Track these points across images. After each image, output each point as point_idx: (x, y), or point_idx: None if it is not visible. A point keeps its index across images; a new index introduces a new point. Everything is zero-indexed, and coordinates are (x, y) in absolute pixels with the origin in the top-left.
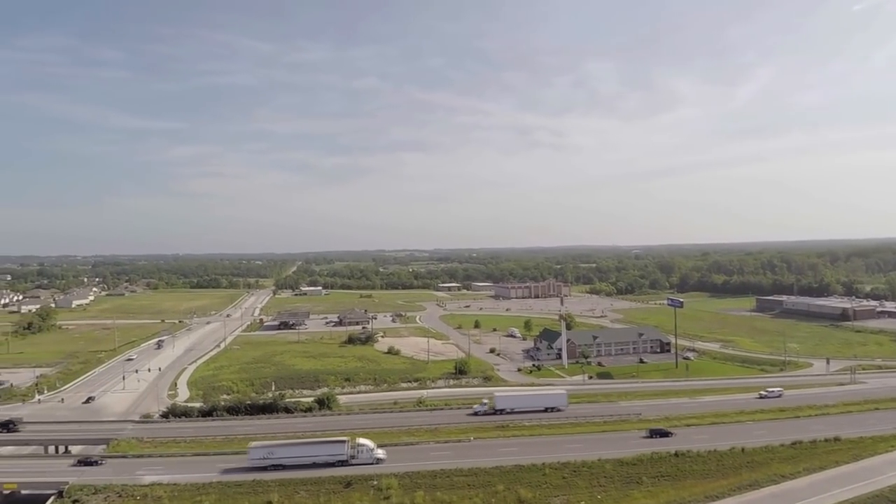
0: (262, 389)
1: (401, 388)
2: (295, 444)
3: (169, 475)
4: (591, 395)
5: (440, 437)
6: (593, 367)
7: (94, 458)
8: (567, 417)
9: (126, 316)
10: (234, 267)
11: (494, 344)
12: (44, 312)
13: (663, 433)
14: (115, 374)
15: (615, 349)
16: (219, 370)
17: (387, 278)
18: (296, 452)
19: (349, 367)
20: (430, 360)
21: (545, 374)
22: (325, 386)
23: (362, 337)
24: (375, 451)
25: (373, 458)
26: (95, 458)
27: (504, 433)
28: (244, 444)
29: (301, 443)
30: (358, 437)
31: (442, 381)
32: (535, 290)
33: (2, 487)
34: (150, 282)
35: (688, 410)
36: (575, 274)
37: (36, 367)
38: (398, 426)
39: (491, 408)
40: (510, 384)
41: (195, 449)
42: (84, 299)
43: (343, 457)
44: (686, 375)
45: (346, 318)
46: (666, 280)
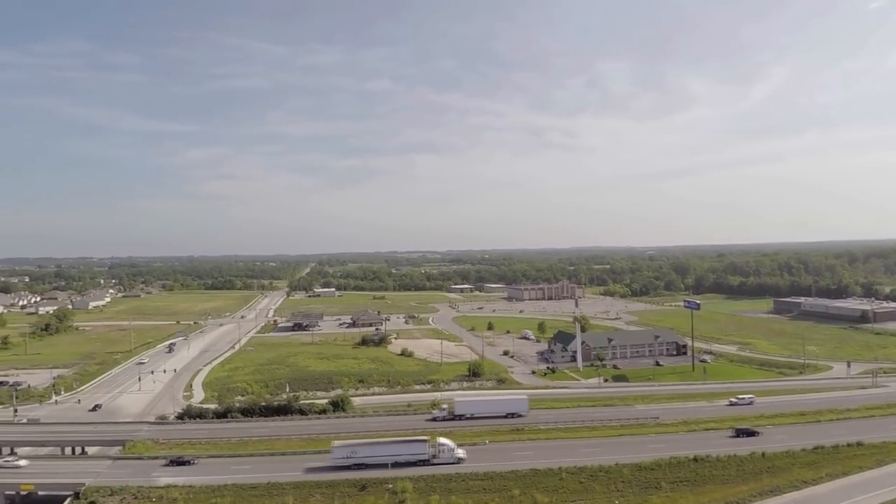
0: (276, 391)
1: (414, 391)
2: (377, 444)
3: (184, 477)
4: (608, 398)
5: (456, 438)
6: (609, 370)
7: (187, 457)
8: (583, 421)
9: (142, 317)
10: (248, 268)
11: (508, 346)
12: (61, 314)
13: (750, 433)
14: (131, 375)
15: (630, 352)
16: (233, 371)
17: (399, 280)
18: (378, 451)
19: (363, 369)
20: (444, 362)
21: (560, 376)
22: (339, 387)
23: (376, 338)
24: (456, 450)
25: (454, 458)
26: (188, 458)
27: (519, 436)
28: (258, 447)
29: (383, 442)
30: (438, 437)
31: (456, 384)
32: (549, 291)
33: (20, 488)
34: (165, 283)
35: (706, 414)
36: (588, 275)
37: (53, 368)
38: (412, 429)
39: (450, 413)
40: (524, 386)
41: (210, 451)
42: (100, 301)
43: (425, 456)
44: (703, 378)
45: (360, 320)
46: (681, 281)
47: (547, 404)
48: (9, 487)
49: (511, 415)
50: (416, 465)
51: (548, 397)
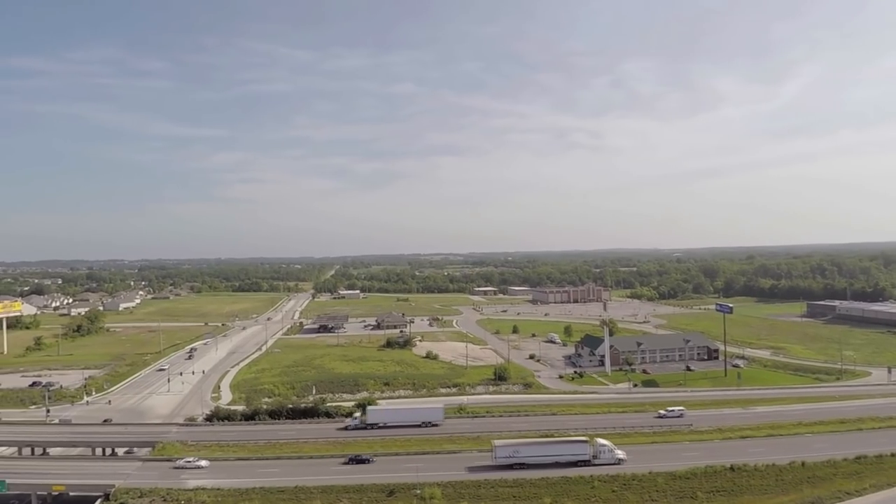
0: (302, 393)
1: (440, 394)
2: (539, 444)
3: (212, 479)
4: (638, 404)
5: (484, 444)
6: (638, 375)
7: (366, 456)
8: (614, 428)
9: (171, 319)
10: (274, 271)
11: (534, 350)
12: (92, 315)
13: None
14: (160, 376)
15: (660, 356)
16: (260, 373)
17: (422, 282)
18: (539, 451)
19: (388, 372)
20: (469, 366)
21: (587, 381)
22: (364, 390)
23: (400, 341)
24: (616, 451)
25: (614, 458)
26: (367, 457)
27: None
28: (285, 449)
29: (544, 442)
30: (597, 437)
31: (481, 387)
32: (575, 294)
33: (51, 488)
34: (193, 285)
35: (741, 421)
36: (615, 278)
37: (84, 368)
38: (439, 433)
39: (363, 422)
40: (552, 391)
41: (238, 453)
42: (131, 302)
43: (586, 456)
44: (737, 384)
45: (384, 322)
46: (710, 284)
47: (576, 410)
48: (41, 488)
49: (426, 424)
50: (576, 466)
51: (577, 402)
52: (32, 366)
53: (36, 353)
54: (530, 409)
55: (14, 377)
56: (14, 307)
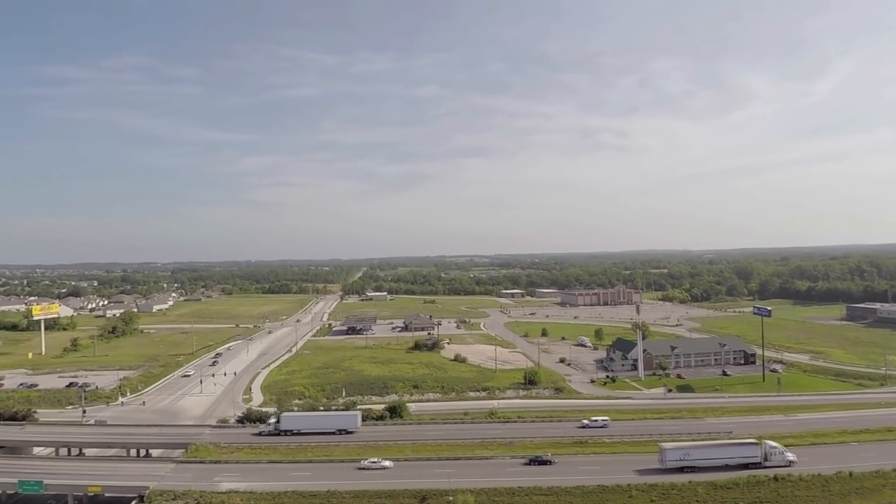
0: (332, 395)
1: (469, 398)
2: (709, 446)
3: (245, 482)
4: (675, 409)
5: (516, 451)
6: (672, 380)
7: (546, 457)
8: (651, 434)
9: (203, 320)
10: (302, 273)
11: (564, 353)
12: (127, 317)
13: None
14: (191, 378)
15: (695, 360)
16: (291, 375)
17: (449, 284)
18: (711, 454)
19: (417, 374)
20: (498, 369)
21: (620, 385)
22: (393, 392)
23: (428, 343)
24: (785, 453)
25: (785, 461)
26: (548, 458)
27: (583, 449)
28: (316, 452)
29: (714, 444)
30: (766, 440)
31: (511, 392)
32: (604, 297)
33: (87, 489)
34: (224, 287)
35: (784, 429)
36: (645, 280)
37: (119, 369)
38: (471, 438)
39: (276, 428)
40: (584, 396)
41: (270, 456)
42: (164, 304)
43: (757, 459)
44: (777, 390)
45: (412, 324)
46: (744, 286)
47: (610, 416)
48: (77, 489)
49: (341, 431)
50: (747, 468)
51: (610, 408)
52: (69, 366)
53: (73, 353)
54: (563, 414)
55: (52, 378)
56: (52, 309)
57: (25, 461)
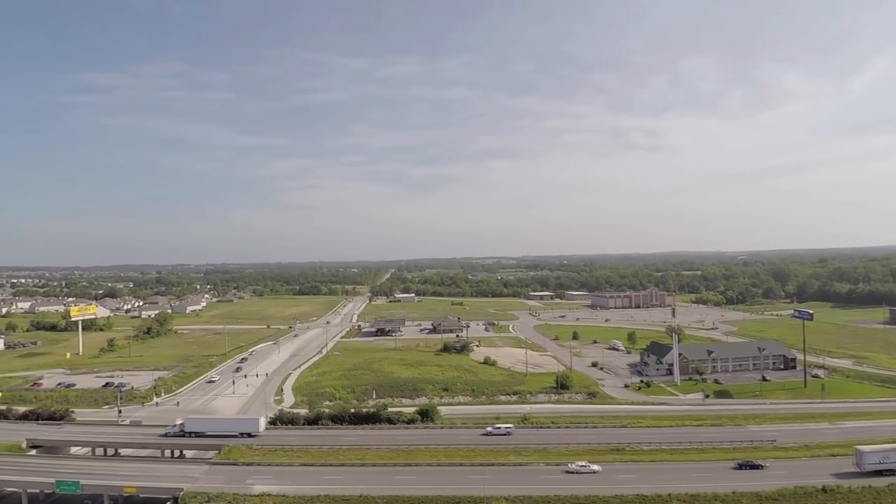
0: (362, 396)
1: (500, 402)
2: None
3: (278, 485)
4: (714, 416)
5: (550, 458)
6: (710, 385)
7: (758, 462)
8: (690, 442)
9: (235, 321)
10: (332, 274)
11: (596, 357)
12: (161, 318)
13: None
14: (224, 378)
15: (732, 365)
16: (321, 376)
17: (476, 286)
18: None
19: (446, 377)
20: (529, 373)
21: (655, 390)
22: (423, 395)
23: (457, 346)
24: None
25: None
26: (759, 463)
27: (621, 457)
28: (348, 456)
29: None
30: None
31: (543, 396)
32: (636, 299)
33: (122, 490)
34: (255, 289)
35: (830, 437)
36: (678, 282)
37: (154, 370)
38: (504, 444)
39: (181, 430)
40: (618, 401)
41: (302, 459)
42: (197, 305)
43: None
44: (821, 396)
45: (440, 326)
46: (781, 289)
47: (647, 422)
48: (112, 489)
49: (244, 434)
50: None
51: (647, 414)
52: (105, 366)
53: (109, 354)
54: (597, 420)
55: (89, 377)
56: (89, 310)
57: (63, 461)
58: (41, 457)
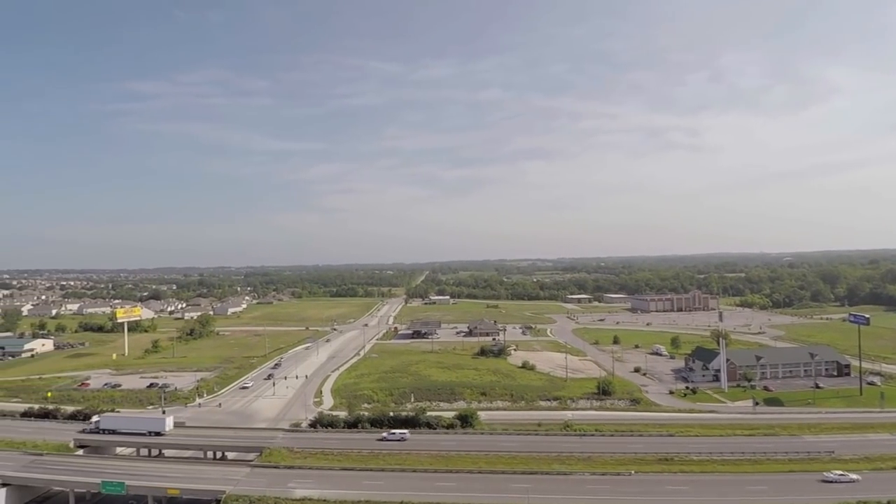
0: (400, 399)
1: (540, 407)
2: None
3: (319, 490)
4: (766, 425)
5: (596, 467)
6: (759, 392)
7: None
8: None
9: (274, 323)
10: (367, 276)
11: (639, 362)
12: (203, 319)
13: None
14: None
15: (782, 371)
16: (359, 378)
17: (511, 288)
18: None
19: (484, 381)
20: (569, 378)
21: (702, 397)
22: (461, 399)
23: (495, 349)
24: None
25: None
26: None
27: (670, 467)
28: (388, 460)
29: None
30: None
31: (584, 402)
32: (678, 302)
33: (166, 492)
34: (294, 291)
35: (893, 449)
36: (721, 284)
37: (196, 371)
38: (546, 452)
39: (97, 426)
40: (663, 408)
41: (343, 463)
42: (238, 307)
43: None
44: (880, 405)
45: (476, 329)
46: (830, 291)
47: (695, 431)
48: (156, 491)
49: (152, 433)
50: None
51: (695, 422)
52: (150, 367)
53: (153, 355)
54: (643, 428)
55: (134, 378)
56: (134, 312)
57: (108, 461)
58: (88, 457)
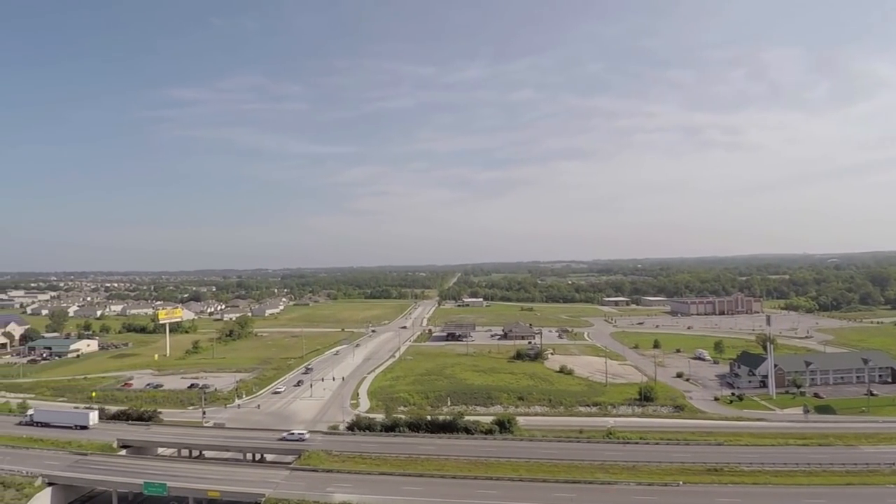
0: (436, 403)
1: (580, 413)
2: None
3: (357, 494)
4: (820, 435)
5: (641, 477)
6: (809, 399)
7: None
8: (797, 464)
9: (311, 324)
10: (401, 278)
11: (681, 367)
12: (242, 321)
13: None
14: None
15: (833, 377)
16: (395, 381)
17: (546, 291)
18: None
19: (521, 386)
20: (609, 383)
21: (748, 404)
22: (497, 403)
23: (531, 353)
24: None
25: None
26: None
27: (720, 478)
28: (426, 466)
29: None
30: None
31: (625, 408)
32: (720, 305)
33: (206, 494)
34: (329, 292)
35: None
36: (764, 287)
37: (235, 371)
38: (589, 460)
39: (31, 419)
40: (709, 416)
41: (381, 467)
42: (275, 308)
43: None
44: None
45: (512, 332)
46: (880, 294)
47: (745, 440)
48: (197, 493)
49: (78, 426)
50: None
51: (743, 431)
52: (190, 368)
53: (194, 355)
54: (688, 436)
55: (175, 378)
56: (176, 313)
57: (150, 461)
58: (130, 457)
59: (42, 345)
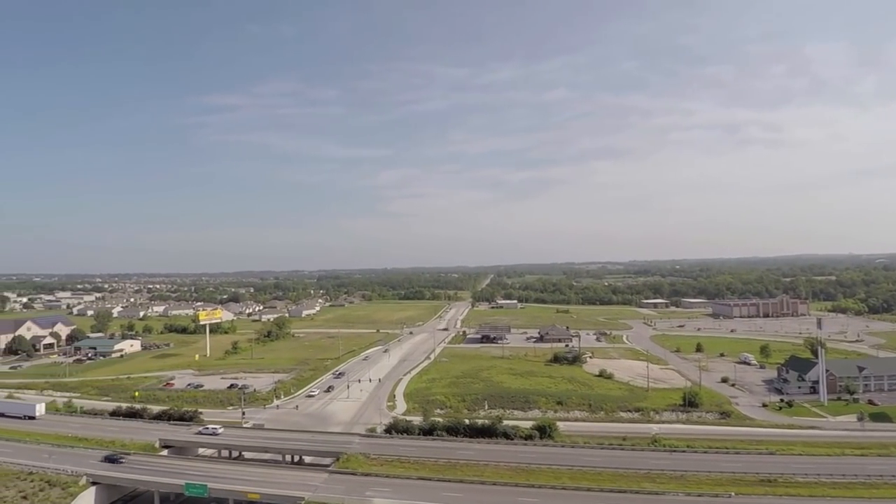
0: (473, 406)
1: (621, 419)
2: None
3: (396, 499)
4: (878, 444)
5: (690, 487)
6: (863, 406)
7: None
8: (855, 475)
9: (346, 325)
10: (434, 280)
11: (725, 372)
12: (280, 322)
13: None
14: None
15: (888, 383)
16: (431, 383)
17: (582, 292)
18: None
19: (560, 390)
20: (651, 388)
21: (799, 411)
22: (535, 408)
23: (569, 356)
24: None
25: None
26: None
27: (774, 489)
28: (465, 471)
29: None
30: None
31: (669, 414)
32: (764, 308)
33: (246, 496)
34: (364, 294)
35: None
36: (809, 288)
37: (274, 372)
38: (634, 469)
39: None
40: (758, 423)
41: (419, 472)
42: (312, 310)
43: None
44: None
45: (548, 335)
46: None
47: (798, 449)
48: (237, 494)
49: (26, 417)
50: None
51: (795, 439)
52: (230, 368)
53: (233, 356)
54: (738, 444)
55: (215, 378)
56: (215, 314)
57: (191, 462)
58: (172, 457)
59: (87, 345)
